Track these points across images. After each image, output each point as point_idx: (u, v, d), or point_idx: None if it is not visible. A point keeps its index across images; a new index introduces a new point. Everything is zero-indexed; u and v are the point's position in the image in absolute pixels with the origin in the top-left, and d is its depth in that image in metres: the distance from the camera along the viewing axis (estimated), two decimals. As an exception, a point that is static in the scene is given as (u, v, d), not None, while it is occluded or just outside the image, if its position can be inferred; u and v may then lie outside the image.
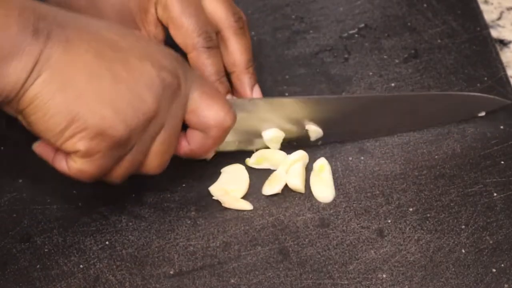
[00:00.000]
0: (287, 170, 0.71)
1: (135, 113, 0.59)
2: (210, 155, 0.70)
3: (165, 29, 0.72)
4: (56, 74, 0.57)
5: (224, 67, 0.73)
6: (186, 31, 0.70)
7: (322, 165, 0.72)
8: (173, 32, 0.70)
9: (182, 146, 0.66)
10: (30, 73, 0.56)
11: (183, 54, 0.70)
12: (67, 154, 0.60)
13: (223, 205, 0.69)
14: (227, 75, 0.73)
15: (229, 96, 0.72)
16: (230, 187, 0.70)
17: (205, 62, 0.71)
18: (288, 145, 0.73)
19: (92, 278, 0.65)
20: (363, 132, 0.74)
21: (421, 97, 0.76)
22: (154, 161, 0.63)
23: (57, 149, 0.61)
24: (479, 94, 0.77)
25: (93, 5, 0.71)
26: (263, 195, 0.71)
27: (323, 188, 0.70)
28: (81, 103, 0.57)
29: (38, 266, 0.65)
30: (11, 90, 0.57)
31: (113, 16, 0.71)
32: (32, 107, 0.57)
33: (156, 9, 0.70)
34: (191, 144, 0.66)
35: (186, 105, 0.63)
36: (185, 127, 0.65)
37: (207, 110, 0.64)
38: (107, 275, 0.65)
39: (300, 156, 0.72)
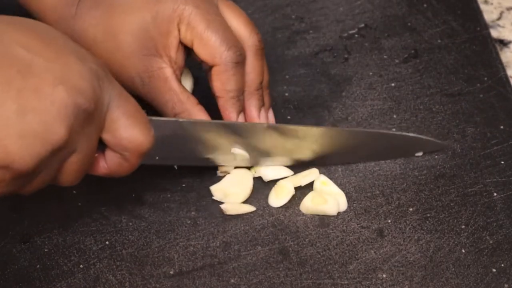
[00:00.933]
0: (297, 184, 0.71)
1: (43, 145, 0.55)
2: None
3: (185, 55, 0.71)
4: None
5: None
6: (213, 45, 0.69)
7: (323, 181, 0.71)
8: (198, 48, 0.69)
9: (100, 166, 0.62)
10: None
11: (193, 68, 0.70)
12: None
13: (225, 212, 0.69)
14: None
15: (241, 116, 0.71)
16: (231, 190, 0.70)
17: (230, 78, 0.70)
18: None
19: (92, 278, 0.65)
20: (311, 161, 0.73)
21: (359, 134, 0.74)
22: (67, 178, 0.60)
23: None
24: (417, 135, 0.75)
25: (111, 37, 0.69)
26: (263, 195, 0.71)
27: (336, 199, 0.70)
28: None
29: (38, 266, 0.65)
30: None
31: (134, 46, 0.69)
32: None
33: (179, 30, 0.69)
34: (108, 165, 0.62)
35: (103, 125, 0.60)
36: (104, 144, 0.62)
37: (124, 132, 0.60)
38: (107, 275, 0.65)
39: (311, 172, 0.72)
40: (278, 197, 0.70)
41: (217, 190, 0.70)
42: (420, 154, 0.74)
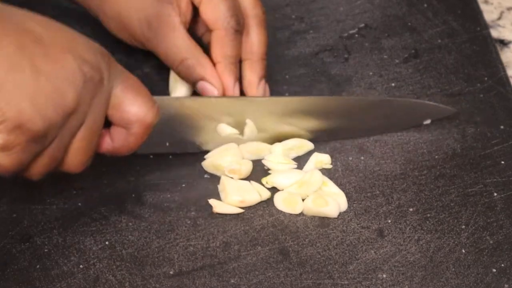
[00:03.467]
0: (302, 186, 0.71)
1: (54, 108, 0.58)
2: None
3: (192, 14, 0.75)
4: None
5: None
6: (219, 10, 0.73)
7: (323, 182, 0.71)
8: (204, 9, 0.74)
9: (104, 143, 0.64)
10: None
11: (196, 40, 0.73)
12: None
13: (213, 209, 0.69)
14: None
15: (236, 84, 0.74)
16: (221, 161, 0.71)
17: (228, 43, 0.74)
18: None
19: (92, 278, 0.64)
20: (317, 133, 0.75)
21: (364, 102, 0.76)
22: (75, 158, 0.62)
23: None
24: (423, 101, 0.77)
25: None
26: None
27: (337, 201, 0.70)
28: (0, 95, 0.56)
29: (38, 266, 0.65)
30: None
31: None
32: None
33: None
34: (114, 141, 0.64)
35: (109, 101, 0.62)
36: (108, 124, 0.64)
37: (129, 105, 0.62)
38: (107, 275, 0.65)
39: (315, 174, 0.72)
40: (286, 206, 0.70)
41: (209, 164, 0.71)
42: (428, 121, 0.75)
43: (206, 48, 0.76)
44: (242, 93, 0.76)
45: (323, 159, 0.73)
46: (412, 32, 0.87)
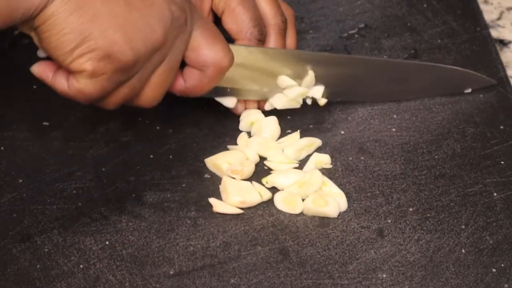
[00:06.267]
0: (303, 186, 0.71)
1: (143, 42, 0.61)
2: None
3: (214, 21, 0.76)
4: None
5: None
6: (242, 20, 0.74)
7: (323, 182, 0.71)
8: (227, 19, 0.74)
9: (178, 83, 0.67)
10: None
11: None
12: (70, 73, 0.62)
13: (213, 209, 0.69)
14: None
15: None
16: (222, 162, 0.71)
17: None
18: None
19: (92, 278, 0.64)
20: (357, 93, 0.77)
21: (411, 66, 0.78)
22: (151, 93, 0.65)
23: (58, 69, 0.62)
24: (467, 70, 0.79)
25: None
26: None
27: (337, 201, 0.70)
28: (95, 25, 0.59)
29: (38, 266, 0.65)
30: (35, 8, 0.58)
31: None
32: (48, 24, 0.59)
33: None
34: (187, 82, 0.67)
35: (188, 42, 0.65)
36: (182, 66, 0.67)
37: (206, 49, 0.66)
38: (107, 275, 0.65)
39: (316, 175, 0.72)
40: (286, 206, 0.70)
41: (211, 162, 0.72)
42: (469, 90, 0.78)
43: None
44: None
45: (323, 159, 0.73)
46: (412, 32, 0.87)
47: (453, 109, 0.78)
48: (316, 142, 0.75)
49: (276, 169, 0.72)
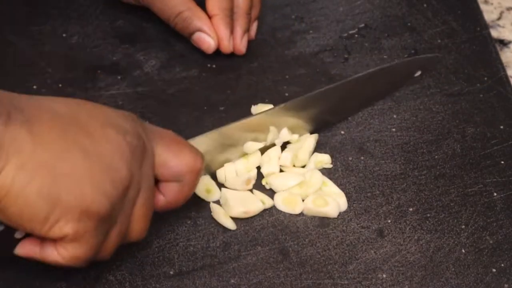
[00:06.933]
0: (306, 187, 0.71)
1: (113, 184, 0.57)
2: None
3: None
4: (27, 158, 0.54)
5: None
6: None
7: (323, 182, 0.71)
8: None
9: (158, 200, 0.63)
10: None
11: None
12: (55, 242, 0.58)
13: (212, 214, 0.69)
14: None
15: (231, 38, 0.80)
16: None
17: None
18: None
19: (92, 278, 0.64)
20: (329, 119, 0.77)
21: (362, 77, 0.78)
22: (138, 226, 0.61)
23: (43, 240, 0.58)
24: (411, 58, 0.83)
25: None
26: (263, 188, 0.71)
27: (337, 201, 0.70)
28: (59, 184, 0.55)
29: (38, 266, 0.65)
30: None
31: None
32: (10, 197, 0.54)
33: None
34: (168, 196, 0.63)
35: (154, 162, 0.61)
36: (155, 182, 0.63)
37: (176, 160, 0.62)
38: (107, 275, 0.65)
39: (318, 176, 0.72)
40: (286, 206, 0.70)
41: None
42: (419, 73, 0.80)
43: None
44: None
45: (323, 159, 0.73)
46: (412, 32, 0.87)
47: (453, 109, 0.78)
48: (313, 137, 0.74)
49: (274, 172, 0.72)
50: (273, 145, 0.73)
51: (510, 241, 0.68)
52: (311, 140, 0.73)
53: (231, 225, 0.68)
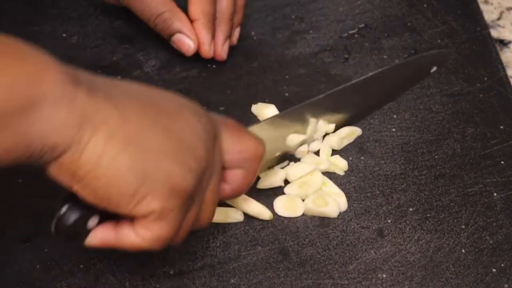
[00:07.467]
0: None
1: (195, 161, 0.56)
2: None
3: None
4: (116, 130, 0.52)
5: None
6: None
7: (323, 182, 0.71)
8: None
9: (224, 189, 0.62)
10: (81, 128, 0.51)
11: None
12: (133, 222, 0.56)
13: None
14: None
15: (212, 43, 0.80)
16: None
17: (204, 1, 0.79)
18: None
19: (92, 278, 0.64)
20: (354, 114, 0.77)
21: (381, 73, 0.78)
22: (207, 211, 0.60)
23: (117, 225, 0.57)
24: (426, 53, 0.83)
25: None
26: (262, 194, 0.71)
27: (337, 201, 0.70)
28: (147, 159, 0.53)
29: (38, 266, 0.65)
30: (59, 144, 0.51)
31: None
32: (100, 169, 0.52)
33: None
34: (233, 184, 0.62)
35: (221, 148, 0.61)
36: None
37: (240, 146, 0.61)
38: (107, 275, 0.65)
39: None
40: (286, 210, 0.70)
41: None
42: (434, 69, 0.81)
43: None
44: None
45: (340, 163, 0.73)
46: (412, 32, 0.87)
47: (453, 109, 0.78)
48: (357, 131, 0.75)
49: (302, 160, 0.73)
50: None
51: (510, 241, 0.68)
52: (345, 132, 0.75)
53: (236, 219, 0.69)
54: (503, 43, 0.88)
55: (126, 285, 0.64)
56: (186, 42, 0.80)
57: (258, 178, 0.71)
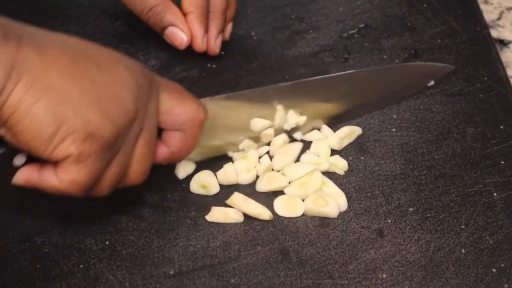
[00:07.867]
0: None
1: (119, 113, 0.59)
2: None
3: None
4: (36, 78, 0.56)
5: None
6: None
7: (324, 182, 0.71)
8: None
9: (161, 151, 0.65)
10: (8, 77, 0.55)
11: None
12: (56, 165, 0.59)
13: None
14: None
15: (205, 37, 0.79)
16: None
17: None
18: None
19: (92, 278, 0.65)
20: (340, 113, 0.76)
21: (373, 72, 0.78)
22: (138, 167, 0.62)
23: (41, 167, 0.60)
24: (425, 63, 0.81)
25: None
26: (262, 194, 0.71)
27: (337, 201, 0.70)
28: (67, 106, 0.56)
29: (38, 266, 0.65)
30: None
31: None
32: (18, 114, 0.55)
33: None
34: (171, 146, 0.65)
35: (159, 106, 0.63)
36: (158, 133, 0.64)
37: (179, 107, 0.63)
38: (107, 275, 0.65)
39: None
40: (286, 211, 0.70)
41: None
42: (432, 83, 0.79)
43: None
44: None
45: (339, 163, 0.72)
46: (412, 32, 0.87)
47: (453, 109, 0.78)
48: (357, 131, 0.75)
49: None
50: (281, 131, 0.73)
51: (510, 241, 0.68)
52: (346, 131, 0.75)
53: (236, 219, 0.68)
54: (503, 43, 0.88)
55: (126, 285, 0.64)
56: (179, 35, 0.79)
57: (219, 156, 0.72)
